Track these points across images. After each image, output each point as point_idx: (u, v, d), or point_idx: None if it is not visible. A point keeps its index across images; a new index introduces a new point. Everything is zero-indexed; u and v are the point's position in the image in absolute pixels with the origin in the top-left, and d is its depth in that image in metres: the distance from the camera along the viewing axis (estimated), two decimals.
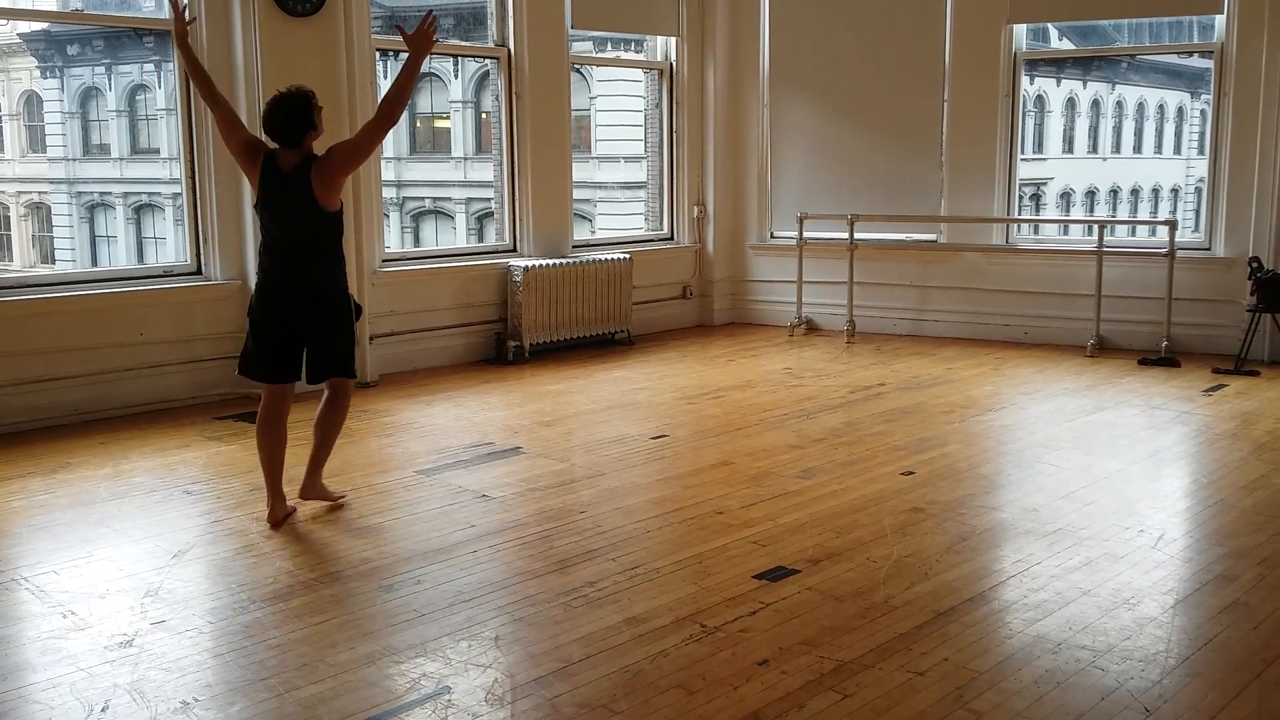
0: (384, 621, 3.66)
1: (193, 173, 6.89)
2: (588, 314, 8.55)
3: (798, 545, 4.32)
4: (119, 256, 23.85)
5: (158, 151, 23.81)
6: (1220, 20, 8.06)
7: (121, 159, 24.44)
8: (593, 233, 18.88)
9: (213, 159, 6.82)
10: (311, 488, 4.81)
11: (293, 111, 4.43)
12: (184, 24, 4.82)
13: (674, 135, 9.70)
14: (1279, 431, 6.02)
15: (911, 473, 5.30)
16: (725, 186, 9.90)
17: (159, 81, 23.04)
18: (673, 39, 9.58)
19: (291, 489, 4.78)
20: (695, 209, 9.83)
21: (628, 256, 8.86)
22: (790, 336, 9.27)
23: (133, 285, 6.74)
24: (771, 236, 9.88)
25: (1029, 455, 5.72)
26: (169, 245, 22.21)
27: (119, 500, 4.99)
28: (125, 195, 24.23)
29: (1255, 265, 7.59)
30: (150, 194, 23.80)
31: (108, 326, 6.49)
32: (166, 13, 6.71)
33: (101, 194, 24.47)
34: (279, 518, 4.61)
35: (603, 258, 8.68)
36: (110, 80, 24.12)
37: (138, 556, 4.28)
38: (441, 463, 5.53)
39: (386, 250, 7.91)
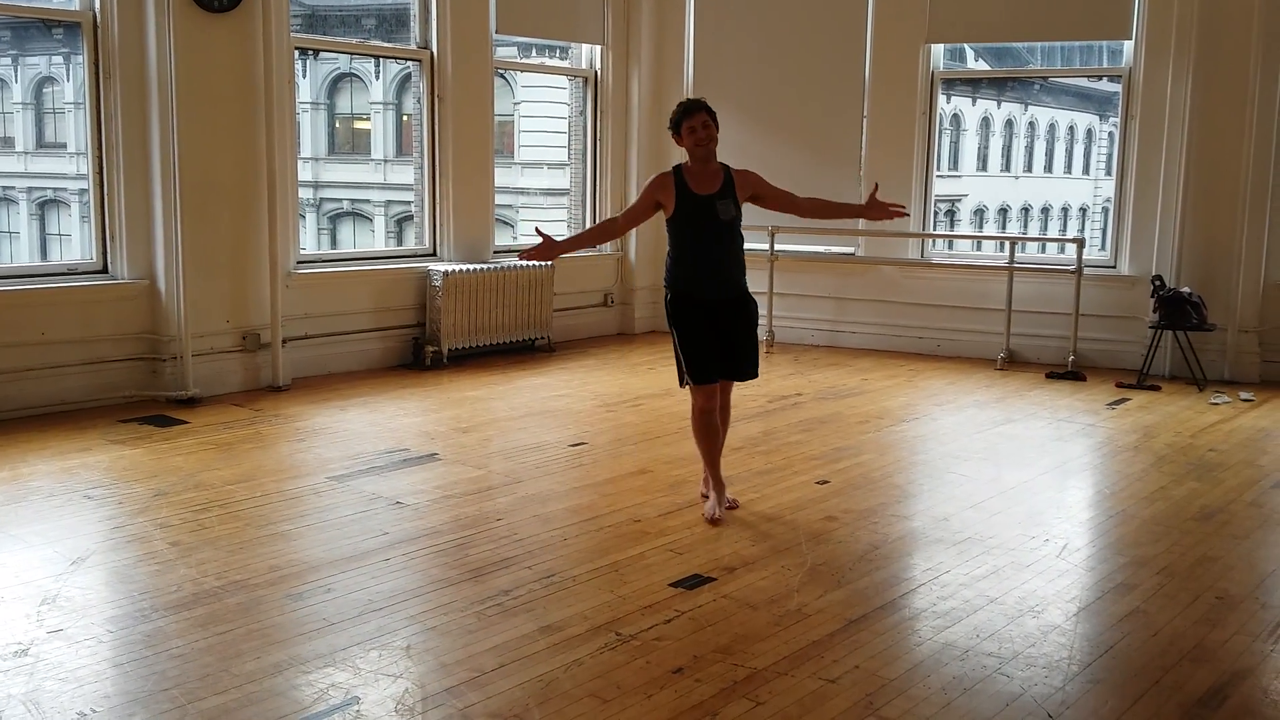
0: (292, 630, 3.58)
1: (100, 168, 6.69)
2: (508, 320, 8.50)
3: (714, 553, 4.34)
4: (21, 253, 23.09)
5: (64, 146, 23.12)
6: (1129, 46, 8.33)
7: (26, 153, 23.70)
8: (514, 238, 18.80)
9: (121, 155, 6.64)
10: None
11: None
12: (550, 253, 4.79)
13: (597, 143, 9.71)
14: (1178, 445, 6.22)
15: (826, 482, 5.36)
16: None
17: (67, 74, 22.39)
18: (597, 47, 9.59)
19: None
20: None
21: (549, 264, 8.83)
22: None
23: (35, 283, 6.52)
24: None
25: (940, 465, 5.82)
26: (74, 242, 21.58)
27: (16, 504, 4.81)
28: (29, 190, 23.50)
29: (1158, 284, 7.85)
30: (56, 189, 23.12)
31: (8, 325, 6.27)
32: (78, 5, 6.55)
33: (4, 188, 23.69)
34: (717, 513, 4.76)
35: (523, 264, 8.64)
36: (16, 72, 23.38)
37: (35, 563, 4.13)
38: (355, 469, 5.44)
39: (302, 252, 7.77)
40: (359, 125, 25.18)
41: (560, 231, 8.21)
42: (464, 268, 8.19)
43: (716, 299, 4.70)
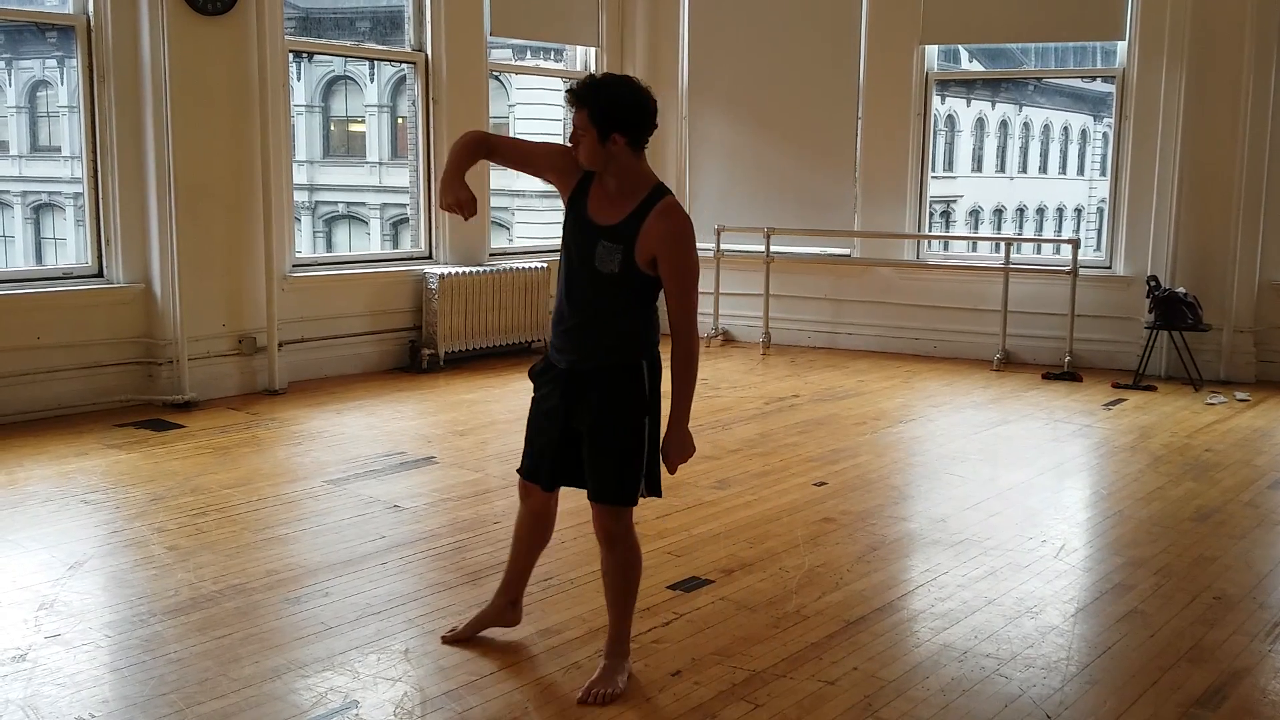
0: (290, 635, 3.58)
1: (95, 172, 6.68)
2: (504, 323, 8.49)
3: (711, 555, 4.34)
4: (16, 257, 23.06)
5: (59, 150, 23.10)
6: (1122, 46, 8.34)
7: (20, 157, 23.67)
8: (510, 241, 18.79)
9: (116, 158, 6.63)
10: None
11: None
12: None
13: None
14: (1175, 445, 6.23)
15: (824, 483, 5.36)
16: None
17: (61, 78, 22.37)
18: (592, 49, 9.59)
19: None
20: None
21: (545, 265, 8.82)
22: (706, 348, 9.32)
23: (30, 287, 6.51)
24: None
25: (937, 467, 5.83)
26: (69, 246, 21.54)
27: (12, 510, 4.80)
28: (24, 194, 23.46)
29: (1153, 284, 7.86)
30: (50, 193, 23.08)
31: (3, 330, 6.25)
32: (71, 8, 6.54)
33: None
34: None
35: (520, 266, 8.63)
36: (10, 75, 23.36)
37: (32, 568, 4.12)
38: (352, 472, 5.43)
39: (298, 255, 7.76)
40: (354, 128, 25.16)
41: (555, 234, 8.16)
42: (460, 270, 8.18)
43: (568, 369, 3.26)
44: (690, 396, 3.18)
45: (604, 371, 3.18)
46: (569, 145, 3.16)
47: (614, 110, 3.02)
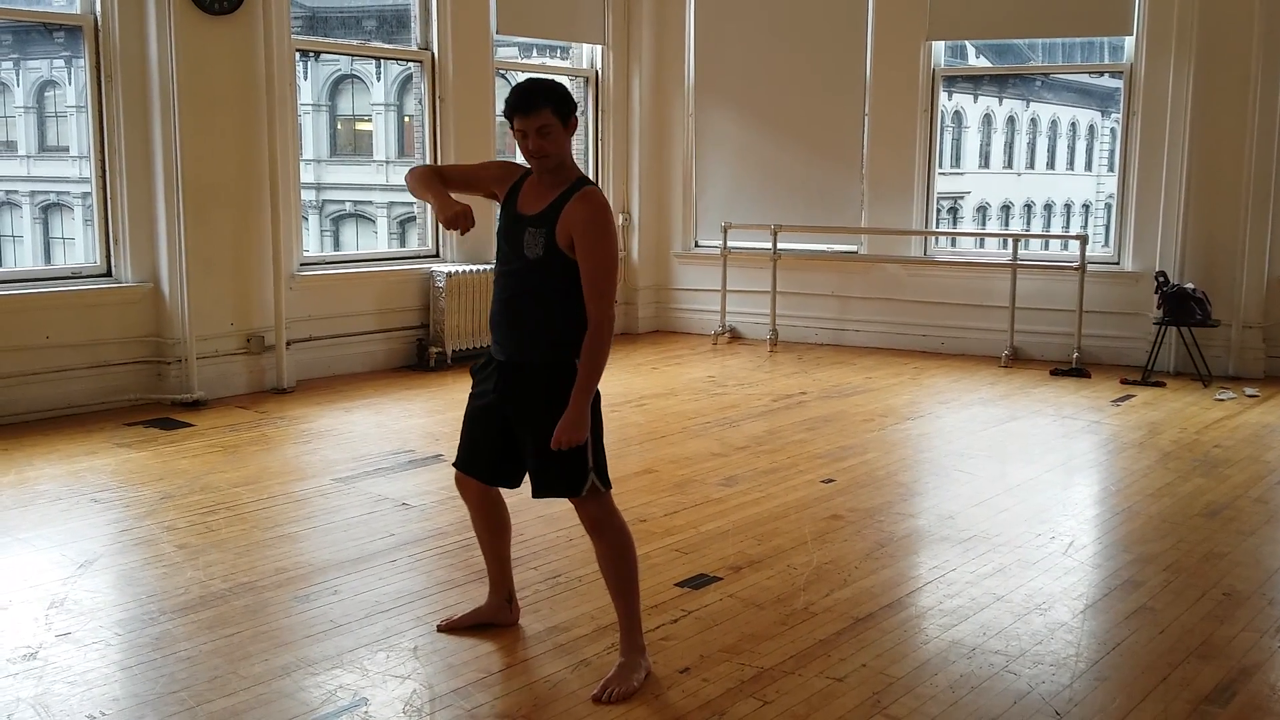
0: (299, 632, 3.59)
1: (103, 172, 6.70)
2: None
3: (719, 552, 4.34)
4: (25, 257, 23.14)
5: (67, 149, 23.17)
6: (1130, 41, 8.32)
7: (29, 156, 23.74)
8: None
9: (124, 158, 6.64)
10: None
11: None
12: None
13: (599, 143, 9.71)
14: (1184, 441, 6.22)
15: (832, 480, 5.35)
16: (650, 195, 9.93)
17: (69, 78, 22.43)
18: (599, 47, 9.59)
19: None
20: (620, 217, 9.84)
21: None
22: (714, 345, 9.33)
23: (39, 286, 6.53)
24: (696, 245, 9.93)
25: (945, 463, 5.82)
26: (78, 246, 21.61)
27: (23, 508, 4.82)
28: (32, 194, 23.54)
29: (1161, 280, 7.84)
30: (59, 193, 23.15)
31: (12, 329, 6.27)
32: (79, 8, 6.55)
33: (7, 192, 23.74)
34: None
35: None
36: (18, 76, 23.43)
37: (42, 566, 4.14)
38: (360, 470, 5.45)
39: (305, 253, 7.78)
40: (360, 127, 25.20)
41: None
42: (467, 269, 8.19)
43: (503, 360, 3.40)
44: (592, 381, 3.21)
45: (543, 370, 3.26)
46: (533, 153, 3.21)
47: (565, 100, 3.22)
